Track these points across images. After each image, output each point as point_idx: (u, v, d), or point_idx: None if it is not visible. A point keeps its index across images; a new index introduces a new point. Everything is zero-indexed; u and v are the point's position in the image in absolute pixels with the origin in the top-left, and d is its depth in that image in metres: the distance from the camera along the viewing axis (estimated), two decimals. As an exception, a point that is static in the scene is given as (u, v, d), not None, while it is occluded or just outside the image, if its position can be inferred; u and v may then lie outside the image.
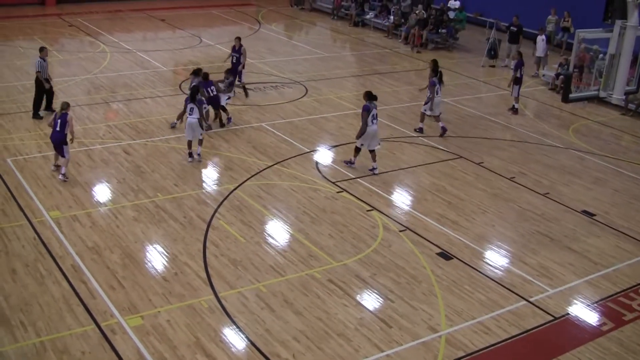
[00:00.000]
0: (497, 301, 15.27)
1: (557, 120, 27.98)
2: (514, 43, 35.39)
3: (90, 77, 28.40)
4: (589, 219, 19.62)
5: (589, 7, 34.21)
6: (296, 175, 20.76)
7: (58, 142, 19.43)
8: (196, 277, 15.25)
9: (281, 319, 14.05)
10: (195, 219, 17.80)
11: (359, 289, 15.36)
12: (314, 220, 18.22)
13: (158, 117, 24.54)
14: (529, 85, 32.70)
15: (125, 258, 15.81)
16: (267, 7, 47.74)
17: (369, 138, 21.25)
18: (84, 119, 23.82)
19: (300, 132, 24.00)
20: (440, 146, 23.73)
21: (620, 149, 25.43)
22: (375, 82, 30.71)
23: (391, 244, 17.30)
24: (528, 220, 19.22)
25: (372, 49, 38.04)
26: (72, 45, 34.39)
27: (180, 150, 21.75)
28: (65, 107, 19.61)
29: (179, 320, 13.76)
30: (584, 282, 16.38)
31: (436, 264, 16.56)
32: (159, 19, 41.86)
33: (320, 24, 44.68)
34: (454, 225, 18.55)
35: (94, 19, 40.10)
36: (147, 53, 33.36)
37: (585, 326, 14.84)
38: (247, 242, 16.89)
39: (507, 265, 16.90)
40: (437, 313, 14.68)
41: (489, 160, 22.89)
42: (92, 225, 17.13)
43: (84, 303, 14.08)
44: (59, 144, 19.42)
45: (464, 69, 34.83)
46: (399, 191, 20.71)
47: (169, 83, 28.95)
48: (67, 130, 19.39)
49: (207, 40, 37.08)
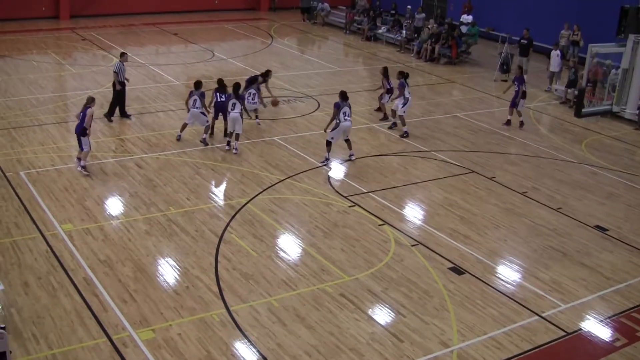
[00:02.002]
0: (509, 316, 15.22)
1: (570, 135, 27.92)
2: (524, 56, 35.45)
3: (103, 91, 28.48)
4: (602, 234, 19.55)
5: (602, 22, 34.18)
6: (308, 190, 20.77)
7: (77, 132, 20.38)
8: (208, 291, 15.25)
9: (293, 334, 14.03)
10: (207, 232, 17.82)
11: (371, 303, 15.33)
12: (326, 234, 18.21)
13: (170, 130, 24.59)
14: (542, 100, 32.66)
15: (137, 271, 15.83)
16: (279, 22, 47.85)
17: (341, 133, 22.58)
18: (97, 132, 23.86)
19: (312, 147, 24.01)
20: (453, 160, 23.70)
21: (633, 164, 25.34)
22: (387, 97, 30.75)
23: (403, 258, 17.27)
24: (540, 235, 19.16)
25: (384, 63, 37.96)
26: (85, 59, 34.56)
27: (192, 164, 21.80)
28: (89, 102, 20.52)
29: (191, 334, 13.76)
30: (597, 298, 16.32)
31: (448, 278, 16.52)
32: (171, 33, 42.02)
33: (332, 38, 44.77)
34: (466, 240, 18.51)
35: (107, 33, 40.28)
36: (159, 67, 33.49)
37: (598, 342, 14.77)
38: (259, 256, 16.89)
39: (520, 280, 16.85)
40: (449, 328, 14.64)
41: (501, 174, 22.85)
42: (105, 239, 17.17)
43: (95, 316, 14.10)
44: (78, 135, 20.36)
45: (476, 84, 34.82)
46: (411, 206, 20.69)
47: (181, 97, 28.97)
48: (85, 123, 20.14)
49: (220, 54, 37.17)
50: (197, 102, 23.11)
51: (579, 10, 38.80)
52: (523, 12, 41.81)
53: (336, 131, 22.52)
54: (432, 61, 38.79)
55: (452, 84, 34.51)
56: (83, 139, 20.28)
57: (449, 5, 48.27)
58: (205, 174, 21.33)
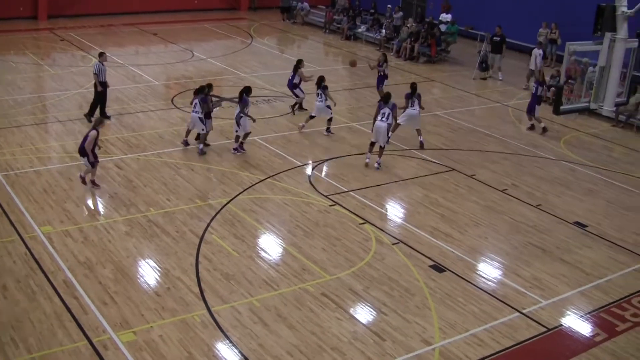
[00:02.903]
0: (491, 313, 15.26)
1: (548, 132, 28.02)
2: (497, 53, 35.68)
3: (83, 92, 28.38)
4: (582, 230, 19.65)
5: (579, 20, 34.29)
6: (289, 189, 20.75)
7: (79, 152, 19.76)
8: (189, 292, 15.22)
9: (274, 334, 14.01)
10: (188, 233, 17.78)
11: (353, 302, 15.34)
12: (307, 233, 18.21)
13: (150, 131, 24.54)
14: (520, 98, 32.77)
15: (117, 273, 15.77)
16: (259, 21, 47.82)
17: (375, 132, 22.54)
18: (76, 133, 23.77)
19: (293, 146, 24.01)
20: (433, 159, 23.74)
21: (611, 160, 25.49)
22: (367, 96, 30.74)
23: (384, 257, 17.29)
24: (521, 232, 19.23)
25: (364, 62, 38.08)
26: (64, 60, 34.41)
27: (173, 164, 21.75)
28: (97, 123, 20.08)
29: (172, 336, 13.72)
30: (577, 293, 16.39)
31: (429, 276, 16.55)
32: (151, 33, 41.91)
33: (312, 37, 44.78)
34: (446, 237, 18.55)
35: (86, 34, 40.12)
36: (139, 67, 33.39)
37: (579, 337, 14.84)
38: (240, 256, 16.86)
39: (500, 277, 16.91)
40: (430, 326, 14.67)
41: (481, 172, 22.91)
42: (84, 240, 17.09)
43: (75, 319, 14.02)
44: (81, 154, 19.72)
45: (456, 82, 34.90)
46: (391, 204, 20.73)
47: (161, 97, 28.95)
48: (86, 145, 19.38)
49: (200, 54, 37.09)
50: (197, 106, 22.62)
51: (557, 9, 38.94)
52: (502, 10, 41.91)
53: (374, 131, 22.72)
54: (411, 60, 38.87)
55: (431, 82, 34.58)
56: (83, 159, 19.68)
57: (428, 4, 48.36)
58: (185, 175, 21.28)
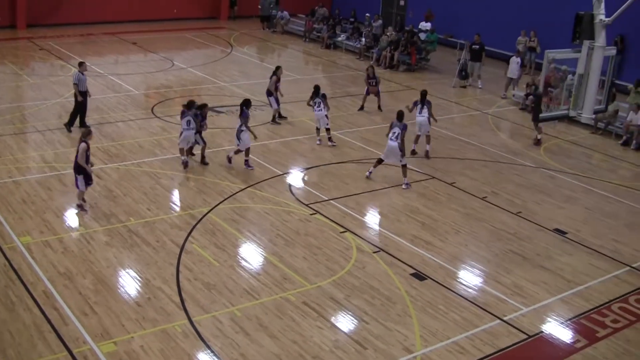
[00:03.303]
0: (472, 321, 15.30)
1: (528, 139, 28.14)
2: (477, 61, 35.85)
3: (62, 101, 28.28)
4: (562, 237, 19.73)
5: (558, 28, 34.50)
6: (269, 198, 20.74)
7: (74, 169, 18.90)
8: (170, 302, 15.17)
9: (256, 343, 13.99)
10: (168, 243, 17.73)
11: (334, 311, 15.33)
12: (288, 242, 18.20)
13: (130, 140, 24.48)
14: (500, 105, 32.94)
15: (97, 283, 15.70)
16: (239, 30, 47.82)
17: (386, 150, 22.25)
18: (55, 143, 23.71)
19: (273, 155, 24.01)
20: (413, 167, 23.78)
21: (590, 167, 25.63)
22: (347, 104, 30.79)
23: (365, 265, 17.31)
24: (501, 239, 19.29)
25: (344, 71, 38.20)
26: (43, 69, 34.31)
27: (153, 173, 21.69)
28: (84, 135, 18.97)
29: (153, 346, 13.67)
30: (558, 300, 16.45)
31: (410, 284, 16.57)
32: (130, 42, 41.83)
33: (292, 46, 44.83)
34: (427, 245, 18.59)
35: (65, 43, 40.01)
36: (118, 76, 33.31)
37: (559, 344, 14.89)
38: (220, 265, 16.83)
39: (481, 284, 16.95)
40: (411, 334, 14.68)
41: (461, 180, 22.97)
42: (64, 251, 17.01)
43: (55, 330, 13.95)
44: (76, 172, 18.80)
45: (436, 90, 34.95)
46: (372, 212, 20.75)
47: (141, 106, 28.89)
48: (78, 159, 18.58)
49: (179, 63, 37.05)
50: (191, 123, 22.08)
51: (536, 17, 39.18)
52: (481, 19, 42.13)
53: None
54: (391, 68, 38.97)
55: (411, 90, 34.62)
56: (78, 177, 18.78)
57: (408, 13, 48.54)
58: (165, 184, 21.24)
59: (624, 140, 28.76)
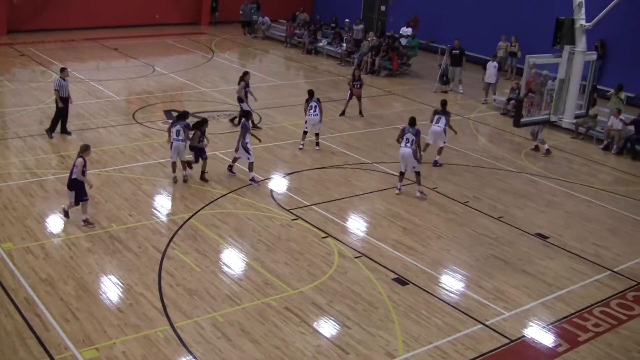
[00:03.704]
0: (454, 325, 15.33)
1: (509, 144, 28.26)
2: (457, 66, 35.97)
3: (43, 107, 28.17)
4: (543, 241, 19.81)
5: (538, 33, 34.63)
6: (251, 204, 20.72)
7: (67, 185, 18.45)
8: (152, 308, 15.13)
9: (238, 348, 13.97)
10: (150, 248, 17.68)
11: (316, 316, 15.33)
12: (270, 248, 18.19)
13: (111, 146, 24.39)
14: (481, 110, 33.05)
15: (79, 289, 15.64)
16: (220, 36, 47.76)
17: (400, 159, 22.03)
18: (37, 149, 23.62)
19: (255, 160, 23.95)
20: (395, 172, 23.81)
21: (571, 172, 25.75)
22: (329, 109, 30.78)
23: (347, 270, 17.31)
24: (483, 244, 19.35)
25: (325, 76, 38.21)
26: (24, 75, 34.11)
27: (134, 179, 21.62)
28: (81, 150, 18.65)
29: (135, 352, 13.63)
30: (539, 304, 16.52)
31: (392, 289, 16.59)
32: (111, 48, 41.67)
33: (273, 51, 44.82)
34: (409, 250, 18.61)
35: (46, 49, 39.82)
36: (100, 82, 33.19)
37: (541, 348, 14.95)
38: (202, 271, 16.80)
39: (463, 289, 16.99)
40: (394, 339, 14.70)
41: (443, 185, 23.02)
42: (46, 257, 16.94)
43: (37, 336, 13.88)
44: (68, 188, 18.39)
45: (417, 95, 35.09)
46: (353, 218, 20.75)
47: (122, 112, 28.79)
48: (75, 174, 18.15)
49: (161, 69, 36.96)
50: (181, 133, 21.39)
51: (517, 22, 39.35)
52: (462, 24, 42.28)
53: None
54: (372, 73, 39.02)
55: (392, 95, 34.71)
56: (69, 192, 18.40)
57: (389, 18, 48.65)
58: (147, 190, 21.18)
59: (604, 144, 28.96)
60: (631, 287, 17.71)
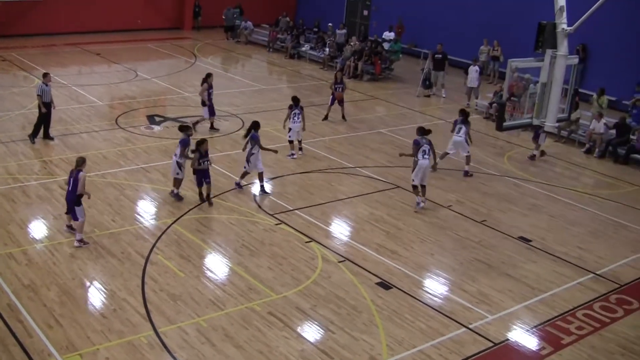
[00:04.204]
0: (438, 329, 15.35)
1: (492, 148, 28.36)
2: (440, 70, 36.07)
3: (25, 112, 28.06)
4: (526, 245, 19.88)
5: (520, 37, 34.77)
6: (234, 208, 20.70)
7: (70, 202, 17.81)
8: (135, 313, 15.09)
9: (222, 353, 13.95)
10: (133, 254, 17.63)
11: (300, 320, 15.33)
12: (253, 252, 18.17)
13: (94, 151, 24.31)
14: (464, 114, 33.13)
15: (62, 295, 15.58)
16: (203, 41, 47.72)
17: (420, 173, 21.40)
18: (19, 154, 23.52)
19: (238, 165, 23.90)
20: (378, 176, 23.86)
21: (554, 176, 25.86)
22: (311, 114, 30.78)
23: (330, 275, 17.31)
24: (466, 248, 19.39)
25: (308, 80, 38.24)
26: (6, 80, 33.96)
27: (117, 185, 21.56)
28: (78, 164, 17.80)
29: (119, 357, 13.58)
30: (523, 308, 16.56)
31: (376, 293, 16.60)
32: (94, 53, 41.57)
33: (256, 56, 44.81)
34: (392, 254, 18.64)
35: (28, 54, 39.67)
36: (82, 87, 33.09)
37: (525, 351, 15.00)
38: (186, 276, 16.77)
39: (447, 293, 17.02)
40: (378, 343, 14.71)
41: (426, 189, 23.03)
42: (28, 263, 16.86)
43: (20, 343, 13.82)
44: (71, 205, 17.79)
45: (400, 99, 35.15)
46: (337, 222, 20.76)
47: (105, 117, 28.71)
48: (79, 189, 17.55)
49: (143, 74, 36.88)
50: (178, 149, 20.72)
51: (499, 26, 39.48)
52: (444, 28, 42.42)
53: (415, 172, 21.47)
54: (355, 78, 39.05)
55: (375, 100, 34.76)
56: (77, 208, 17.67)
57: (372, 23, 48.73)
58: (130, 195, 21.13)
59: (586, 148, 29.10)
60: (614, 290, 17.80)
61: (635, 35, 34.60)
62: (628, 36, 34.86)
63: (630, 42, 34.82)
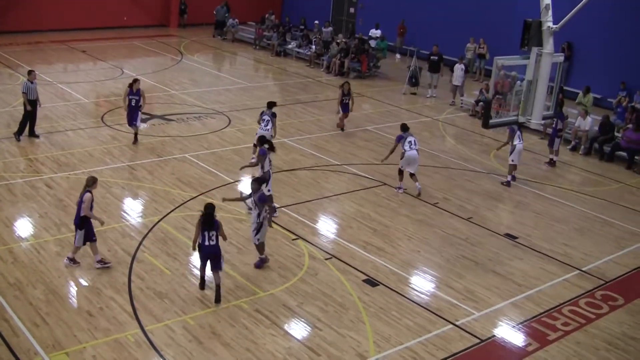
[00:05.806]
0: (425, 326, 15.38)
1: (478, 145, 28.42)
2: (435, 72, 36.03)
3: (10, 110, 27.94)
4: (512, 242, 19.93)
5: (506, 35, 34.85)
6: (221, 206, 20.64)
7: (75, 224, 16.63)
8: (122, 311, 15.06)
9: (209, 351, 13.94)
10: (120, 252, 17.59)
11: (287, 318, 15.33)
12: (240, 250, 18.15)
13: (80, 149, 24.24)
14: (449, 112, 33.20)
15: (48, 294, 15.53)
16: (189, 38, 47.61)
17: (409, 162, 22.33)
18: (4, 152, 23.42)
19: (224, 163, 23.94)
20: (364, 174, 23.88)
21: (540, 173, 25.93)
22: (298, 112, 30.82)
23: (317, 272, 17.32)
24: (453, 245, 19.43)
25: (294, 78, 38.21)
26: (-9, 78, 33.87)
27: (104, 182, 21.47)
28: (88, 183, 16.53)
29: (106, 356, 13.56)
30: (509, 304, 16.61)
31: (363, 290, 16.62)
32: (79, 50, 41.44)
33: (242, 54, 44.77)
34: (379, 251, 18.66)
35: (13, 51, 39.47)
36: (68, 85, 32.97)
37: (511, 347, 15.04)
38: (172, 274, 16.74)
39: (434, 290, 17.05)
40: (365, 340, 14.72)
41: (412, 186, 23.05)
42: (14, 261, 16.80)
43: (6, 342, 13.76)
44: (78, 228, 16.52)
45: (386, 97, 35.18)
46: (323, 219, 20.76)
47: (90, 115, 28.62)
48: (83, 211, 16.34)
49: (129, 71, 36.75)
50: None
51: (485, 24, 39.54)
52: (430, 26, 42.50)
53: (404, 160, 22.43)
54: (341, 75, 39.01)
55: (362, 97, 34.72)
56: (78, 232, 16.44)
57: (358, 20, 48.76)
58: (116, 193, 21.07)
59: (572, 145, 29.21)
60: (599, 286, 17.88)
61: (620, 34, 34.73)
62: (613, 34, 34.97)
63: (615, 40, 34.94)
